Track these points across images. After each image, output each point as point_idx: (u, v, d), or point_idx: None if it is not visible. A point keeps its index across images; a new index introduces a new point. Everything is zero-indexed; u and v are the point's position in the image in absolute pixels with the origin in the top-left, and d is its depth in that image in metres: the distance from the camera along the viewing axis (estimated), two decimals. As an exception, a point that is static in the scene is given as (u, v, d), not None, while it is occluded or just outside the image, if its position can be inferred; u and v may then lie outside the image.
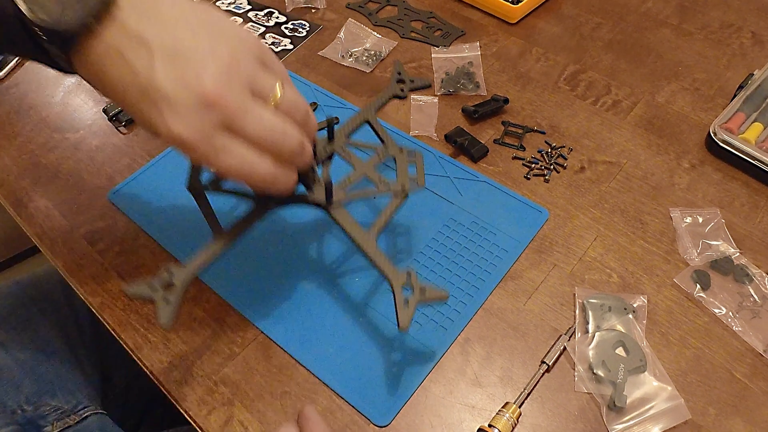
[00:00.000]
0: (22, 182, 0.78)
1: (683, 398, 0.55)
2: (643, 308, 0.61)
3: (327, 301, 0.64)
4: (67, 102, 0.88)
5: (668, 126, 0.79)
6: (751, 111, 0.76)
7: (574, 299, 0.62)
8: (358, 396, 0.57)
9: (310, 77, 0.88)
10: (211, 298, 0.65)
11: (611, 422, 0.54)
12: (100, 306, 0.65)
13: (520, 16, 0.95)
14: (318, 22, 0.98)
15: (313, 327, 0.62)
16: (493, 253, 0.66)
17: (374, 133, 0.65)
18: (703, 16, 0.95)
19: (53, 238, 0.72)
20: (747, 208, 0.70)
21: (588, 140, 0.78)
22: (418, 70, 0.88)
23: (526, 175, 0.74)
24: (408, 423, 0.55)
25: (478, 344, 0.60)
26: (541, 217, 0.69)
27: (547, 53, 0.90)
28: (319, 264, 0.67)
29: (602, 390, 0.56)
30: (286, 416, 0.56)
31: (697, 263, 0.65)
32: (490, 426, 0.54)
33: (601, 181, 0.73)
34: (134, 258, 0.69)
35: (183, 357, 0.61)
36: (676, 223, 0.68)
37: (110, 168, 0.78)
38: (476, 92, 0.84)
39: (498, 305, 0.63)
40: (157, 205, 0.73)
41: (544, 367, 0.58)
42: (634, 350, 0.57)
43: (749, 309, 0.61)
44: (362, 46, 0.91)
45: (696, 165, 0.75)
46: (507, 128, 0.79)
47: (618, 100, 0.83)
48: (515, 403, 0.55)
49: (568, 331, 0.60)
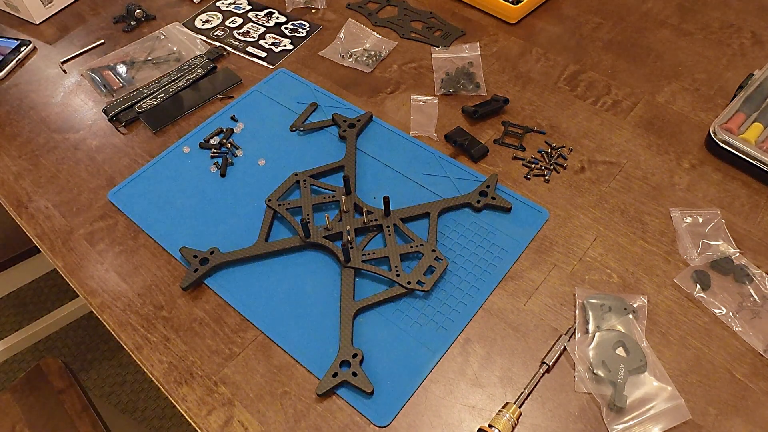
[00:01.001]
0: (23, 182, 0.78)
1: (683, 398, 0.55)
2: (643, 308, 0.61)
3: (327, 302, 0.64)
4: (67, 102, 0.88)
5: (668, 126, 0.79)
6: (751, 111, 0.76)
7: (574, 299, 0.62)
8: (358, 396, 0.57)
9: (310, 77, 0.88)
10: (211, 298, 0.65)
11: (611, 422, 0.54)
12: (100, 306, 0.65)
13: (520, 17, 0.95)
14: (318, 22, 0.98)
15: (313, 327, 0.62)
16: (493, 254, 0.66)
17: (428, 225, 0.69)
18: (703, 16, 0.95)
19: (53, 239, 0.72)
20: (747, 208, 0.70)
21: (588, 140, 0.78)
22: (418, 70, 0.88)
23: (526, 175, 0.74)
24: (408, 423, 0.55)
25: (478, 344, 0.60)
26: (541, 218, 0.69)
27: (547, 53, 0.90)
28: (320, 265, 0.67)
29: (602, 390, 0.56)
30: (285, 416, 0.56)
31: (697, 263, 0.65)
32: (490, 426, 0.54)
33: (601, 181, 0.73)
34: (134, 258, 0.69)
35: (183, 357, 0.61)
36: (676, 223, 0.68)
37: (110, 168, 0.78)
38: (476, 92, 0.84)
39: (498, 305, 0.63)
40: (157, 205, 0.73)
41: (545, 367, 0.58)
42: (634, 350, 0.57)
43: (749, 309, 0.61)
44: (362, 47, 0.91)
45: (696, 165, 0.75)
46: (507, 128, 0.79)
47: (618, 100, 0.83)
48: (515, 404, 0.55)
49: (568, 331, 0.60)
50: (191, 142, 0.80)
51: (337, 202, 0.70)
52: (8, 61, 0.93)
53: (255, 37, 0.95)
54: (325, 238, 0.66)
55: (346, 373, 0.57)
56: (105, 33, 0.98)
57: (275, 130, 0.81)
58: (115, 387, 1.35)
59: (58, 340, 1.44)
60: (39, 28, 1.00)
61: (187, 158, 0.78)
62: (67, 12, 1.03)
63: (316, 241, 0.66)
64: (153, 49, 0.93)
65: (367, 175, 0.75)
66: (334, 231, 0.67)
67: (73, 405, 0.88)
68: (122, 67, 0.91)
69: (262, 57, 0.92)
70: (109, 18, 1.01)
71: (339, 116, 0.79)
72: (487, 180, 0.71)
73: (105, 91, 0.87)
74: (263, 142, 0.79)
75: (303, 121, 0.81)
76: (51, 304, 1.48)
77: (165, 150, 0.79)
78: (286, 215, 0.69)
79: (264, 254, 0.67)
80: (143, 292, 0.66)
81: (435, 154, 0.76)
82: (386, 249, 0.65)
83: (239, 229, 0.70)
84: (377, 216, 0.68)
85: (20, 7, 0.99)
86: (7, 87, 0.91)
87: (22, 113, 0.87)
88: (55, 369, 0.92)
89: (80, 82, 0.91)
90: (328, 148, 0.78)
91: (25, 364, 1.41)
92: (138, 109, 0.84)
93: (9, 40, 0.96)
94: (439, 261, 0.64)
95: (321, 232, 0.67)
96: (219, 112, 0.83)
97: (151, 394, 1.34)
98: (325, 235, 0.67)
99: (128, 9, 0.99)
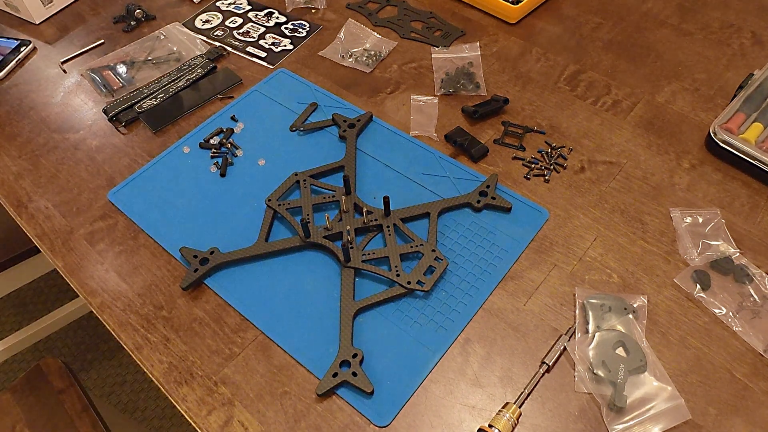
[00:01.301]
0: (23, 182, 0.78)
1: (683, 398, 0.55)
2: (643, 308, 0.61)
3: (327, 302, 0.64)
4: (67, 102, 0.88)
5: (668, 126, 0.79)
6: (751, 111, 0.76)
7: (574, 299, 0.62)
8: (358, 396, 0.57)
9: (310, 77, 0.88)
10: (210, 298, 0.65)
11: (611, 422, 0.54)
12: (100, 306, 0.65)
13: (520, 17, 0.95)
14: (318, 22, 0.98)
15: (313, 327, 0.62)
16: (493, 254, 0.66)
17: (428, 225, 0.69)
18: (703, 16, 0.95)
19: (53, 239, 0.72)
20: (747, 208, 0.70)
21: (588, 140, 0.78)
22: (418, 70, 0.88)
23: (526, 175, 0.74)
24: (408, 423, 0.55)
25: (478, 344, 0.60)
26: (541, 218, 0.69)
27: (547, 53, 0.90)
28: (319, 264, 0.67)
29: (602, 390, 0.56)
30: (285, 416, 0.56)
31: (697, 263, 0.65)
32: (491, 426, 0.54)
33: (601, 181, 0.73)
34: (134, 258, 0.69)
35: (183, 357, 0.61)
36: (676, 223, 0.68)
37: (110, 168, 0.78)
38: (476, 92, 0.84)
39: (498, 305, 0.63)
40: (157, 205, 0.73)
41: (545, 367, 0.58)
42: (634, 350, 0.57)
43: (749, 309, 0.61)
44: (362, 47, 0.91)
45: (696, 165, 0.75)
46: (507, 128, 0.79)
47: (618, 100, 0.83)
48: (515, 403, 0.55)
49: (568, 331, 0.60)
50: (191, 142, 0.80)
51: (337, 202, 0.71)
52: (8, 61, 0.93)
53: (255, 37, 0.95)
54: (325, 238, 0.66)
55: (346, 373, 0.57)
56: (105, 33, 0.98)
57: (275, 130, 0.81)
58: (115, 387, 1.35)
59: (58, 340, 1.44)
60: (39, 28, 1.00)
61: (187, 158, 0.78)
62: (67, 12, 1.03)
63: (316, 241, 0.66)
64: (153, 49, 0.93)
65: (367, 175, 0.75)
66: (334, 231, 0.67)
67: (73, 405, 0.88)
68: (122, 67, 0.91)
69: (262, 57, 0.92)
70: (109, 18, 1.01)
71: (339, 116, 0.80)
72: (487, 180, 0.71)
73: (105, 91, 0.87)
74: (263, 142, 0.79)
75: (303, 121, 0.81)
76: (51, 304, 1.48)
77: (165, 150, 0.79)
78: (286, 215, 0.69)
79: (264, 254, 0.67)
80: (143, 292, 0.66)
81: (435, 154, 0.76)
82: (386, 249, 0.65)
83: (239, 229, 0.70)
84: (377, 216, 0.68)
85: (20, 7, 0.99)
86: (7, 87, 0.91)
87: (22, 113, 0.87)
88: (55, 369, 0.92)
89: (80, 82, 0.91)
90: (328, 148, 0.78)
91: (25, 364, 1.41)
92: (138, 109, 0.84)
93: (9, 40, 0.96)
94: (439, 261, 0.64)
95: (321, 232, 0.67)
96: (219, 112, 0.83)
97: (151, 394, 1.34)
98: (325, 235, 0.67)
99: (128, 9, 0.99)
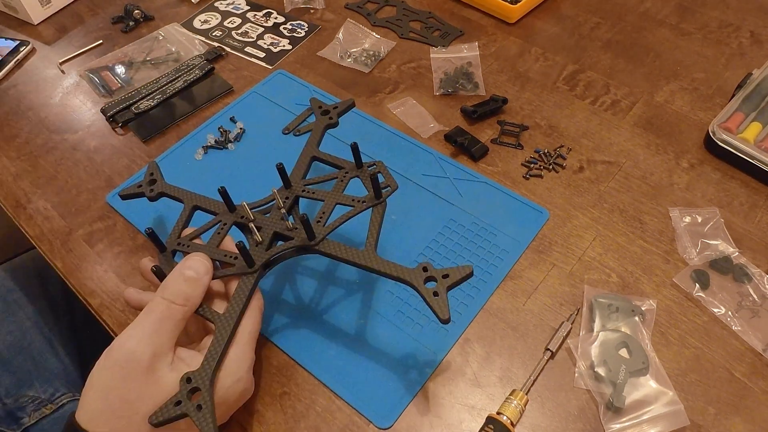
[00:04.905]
0: (21, 183, 0.78)
1: (683, 399, 0.55)
2: (651, 312, 0.61)
3: (327, 302, 0.63)
4: (66, 103, 0.88)
5: (667, 126, 0.79)
6: (749, 110, 0.76)
7: (573, 299, 0.63)
8: (358, 397, 0.57)
9: (309, 78, 0.88)
10: (210, 299, 0.65)
11: (608, 422, 0.54)
12: (99, 307, 0.65)
13: (518, 16, 0.95)
14: (317, 22, 0.98)
15: (313, 327, 0.62)
16: (494, 254, 0.66)
17: (328, 164, 0.64)
18: (702, 15, 0.95)
19: (52, 239, 0.71)
20: (746, 208, 0.70)
21: (587, 140, 0.78)
22: (417, 70, 0.88)
23: (526, 175, 0.74)
24: (408, 423, 0.55)
25: (478, 344, 0.60)
26: (541, 218, 0.69)
27: (545, 53, 0.90)
28: (319, 265, 0.67)
29: (601, 389, 0.56)
30: (285, 416, 0.56)
31: (696, 263, 0.65)
32: (499, 413, 0.54)
33: (600, 180, 0.73)
34: (133, 259, 0.69)
35: (182, 358, 0.61)
36: (675, 223, 0.68)
37: (109, 169, 0.78)
38: (475, 92, 0.84)
39: (497, 305, 0.63)
40: (156, 206, 0.73)
41: (548, 353, 0.58)
42: (637, 352, 0.57)
43: (748, 308, 0.61)
44: (361, 47, 0.91)
45: (695, 164, 0.75)
46: (503, 127, 0.79)
47: (617, 100, 0.83)
48: (522, 390, 0.55)
49: (570, 317, 0.60)
50: (190, 143, 0.80)
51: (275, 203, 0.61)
52: (7, 61, 0.93)
53: (253, 38, 0.95)
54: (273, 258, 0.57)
55: (440, 285, 0.50)
56: (103, 33, 0.98)
57: (274, 132, 0.80)
58: (114, 388, 1.35)
59: (57, 340, 1.43)
60: (37, 29, 1.00)
61: (187, 159, 0.78)
62: (65, 12, 1.03)
63: (266, 262, 0.57)
64: (151, 50, 0.93)
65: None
66: (264, 241, 0.57)
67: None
68: (121, 67, 0.91)
69: (260, 57, 0.92)
70: (107, 18, 1.01)
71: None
72: (313, 103, 0.68)
73: (103, 92, 0.87)
74: (262, 143, 0.79)
75: (298, 124, 0.81)
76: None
77: (164, 151, 0.79)
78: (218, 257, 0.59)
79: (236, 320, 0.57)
80: (142, 293, 0.66)
81: (435, 155, 0.76)
82: (327, 203, 0.59)
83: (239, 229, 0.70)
84: (285, 194, 0.61)
85: (18, 7, 0.99)
86: (6, 88, 0.91)
87: (21, 114, 0.86)
88: (54, 370, 0.91)
89: (79, 82, 0.90)
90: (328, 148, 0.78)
91: (24, 365, 1.41)
92: (135, 110, 0.83)
93: (7, 41, 0.96)
94: (374, 167, 0.61)
95: (259, 251, 0.57)
96: (218, 113, 0.83)
97: (150, 394, 1.33)
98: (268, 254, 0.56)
99: (127, 9, 0.98)
